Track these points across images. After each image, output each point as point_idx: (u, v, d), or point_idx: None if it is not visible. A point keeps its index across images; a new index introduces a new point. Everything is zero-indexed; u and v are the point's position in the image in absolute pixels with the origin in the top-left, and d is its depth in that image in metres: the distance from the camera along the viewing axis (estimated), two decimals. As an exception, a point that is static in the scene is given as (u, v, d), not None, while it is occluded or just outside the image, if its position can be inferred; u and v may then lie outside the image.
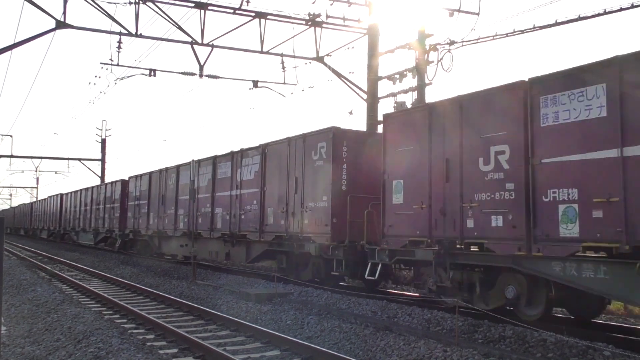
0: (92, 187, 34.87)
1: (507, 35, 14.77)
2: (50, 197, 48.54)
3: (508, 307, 9.60)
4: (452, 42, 16.09)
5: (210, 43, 17.79)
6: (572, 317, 9.98)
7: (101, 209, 31.64)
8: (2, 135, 47.22)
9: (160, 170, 23.80)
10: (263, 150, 16.14)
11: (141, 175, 26.24)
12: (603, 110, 7.79)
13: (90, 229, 33.93)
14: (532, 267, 8.77)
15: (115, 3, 16.76)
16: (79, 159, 46.84)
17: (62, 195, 43.51)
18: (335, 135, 13.41)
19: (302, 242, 14.06)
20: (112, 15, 16.68)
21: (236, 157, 17.55)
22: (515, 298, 9.24)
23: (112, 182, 31.22)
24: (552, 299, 9.06)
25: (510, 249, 8.93)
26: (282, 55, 18.84)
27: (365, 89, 18.24)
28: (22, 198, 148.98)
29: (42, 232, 52.00)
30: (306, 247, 13.93)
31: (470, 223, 9.65)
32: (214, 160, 18.94)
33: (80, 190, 37.54)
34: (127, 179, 28.55)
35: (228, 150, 18.14)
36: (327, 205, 13.24)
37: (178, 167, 22.07)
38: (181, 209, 21.37)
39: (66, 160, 50.33)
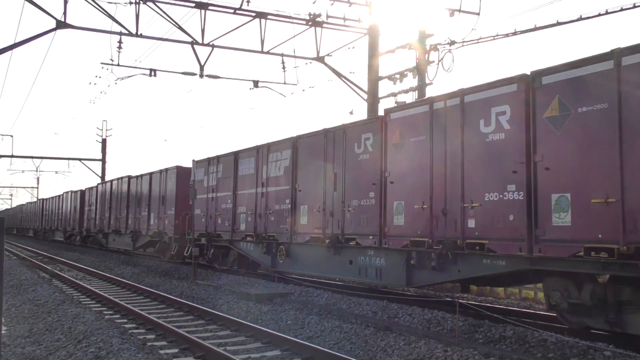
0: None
1: (507, 35, 14.77)
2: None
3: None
4: (452, 42, 16.09)
5: (211, 43, 17.80)
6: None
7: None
8: (2, 135, 47.22)
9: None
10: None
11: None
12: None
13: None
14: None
15: (115, 3, 16.77)
16: (80, 159, 46.84)
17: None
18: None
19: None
20: (113, 15, 16.70)
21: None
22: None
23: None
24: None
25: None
26: (282, 55, 18.84)
27: (366, 89, 18.24)
28: (23, 198, 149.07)
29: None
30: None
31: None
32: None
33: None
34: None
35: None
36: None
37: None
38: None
39: (67, 160, 50.43)
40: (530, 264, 8.37)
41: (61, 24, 15.96)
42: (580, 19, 13.14)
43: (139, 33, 17.01)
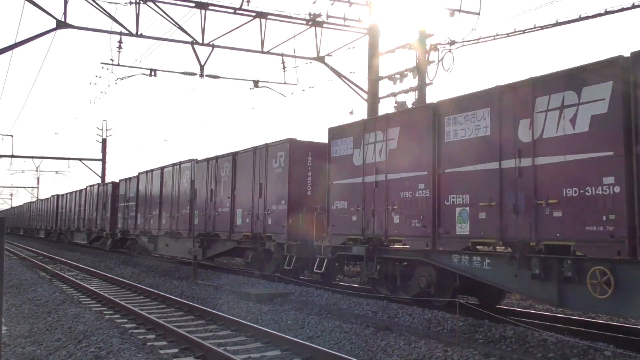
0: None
1: (507, 35, 14.76)
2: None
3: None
4: (452, 42, 16.09)
5: (211, 43, 17.79)
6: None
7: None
8: (3, 135, 47.13)
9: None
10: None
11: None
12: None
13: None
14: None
15: (115, 3, 16.76)
16: (80, 159, 46.83)
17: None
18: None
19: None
20: (113, 15, 16.69)
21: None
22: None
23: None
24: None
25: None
26: (282, 55, 18.84)
27: (366, 89, 18.24)
28: (23, 198, 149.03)
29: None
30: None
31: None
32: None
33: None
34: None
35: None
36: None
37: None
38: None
39: (67, 160, 50.34)
40: None
41: (61, 24, 15.96)
42: (580, 18, 13.13)
43: (139, 33, 17.01)
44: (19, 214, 71.43)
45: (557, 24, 13.67)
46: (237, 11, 17.28)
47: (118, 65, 18.90)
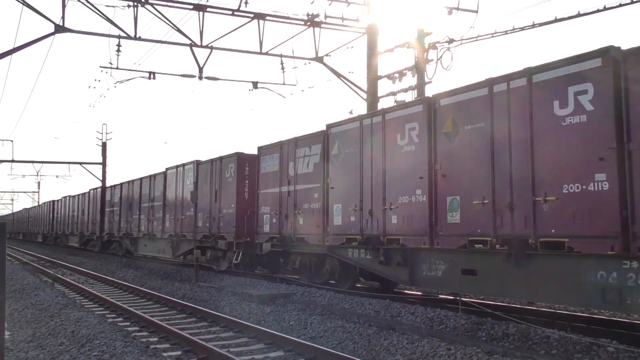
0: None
1: (506, 32, 14.76)
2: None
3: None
4: (451, 40, 16.09)
5: (209, 45, 17.80)
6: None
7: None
8: (3, 140, 46.89)
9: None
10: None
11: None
12: None
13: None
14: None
15: (113, 6, 16.77)
16: (80, 163, 46.71)
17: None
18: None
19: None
20: (111, 18, 16.70)
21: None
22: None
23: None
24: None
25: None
26: (281, 56, 18.84)
27: (365, 89, 18.24)
28: (24, 202, 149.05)
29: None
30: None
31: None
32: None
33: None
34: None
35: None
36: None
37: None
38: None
39: (67, 165, 50.16)
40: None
41: (60, 28, 15.96)
42: (579, 15, 13.13)
43: (137, 36, 17.01)
44: (35, 216, 57.43)
45: (555, 20, 13.66)
46: (235, 13, 17.29)
47: (117, 68, 18.96)
